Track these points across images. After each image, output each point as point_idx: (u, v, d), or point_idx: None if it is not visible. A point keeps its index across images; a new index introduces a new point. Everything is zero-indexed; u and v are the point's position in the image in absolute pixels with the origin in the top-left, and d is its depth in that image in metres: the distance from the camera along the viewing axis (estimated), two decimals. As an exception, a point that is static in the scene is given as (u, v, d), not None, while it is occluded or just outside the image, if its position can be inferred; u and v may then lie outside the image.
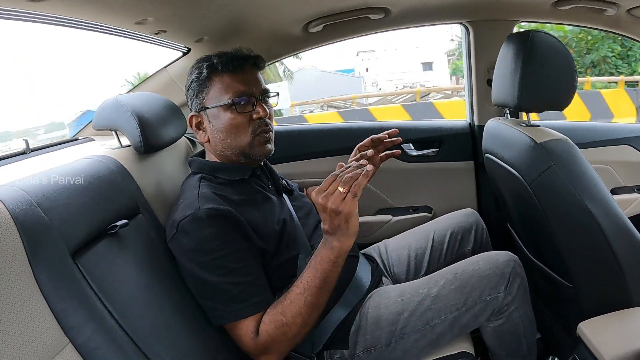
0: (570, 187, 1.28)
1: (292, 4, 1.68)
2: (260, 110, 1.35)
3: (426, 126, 2.27)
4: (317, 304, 1.19)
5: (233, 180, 1.36)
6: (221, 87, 1.35)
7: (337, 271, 1.20)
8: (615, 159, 2.15)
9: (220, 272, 1.18)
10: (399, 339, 1.27)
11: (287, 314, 1.18)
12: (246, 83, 1.36)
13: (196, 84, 1.38)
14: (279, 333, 1.17)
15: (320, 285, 1.18)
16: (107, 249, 1.09)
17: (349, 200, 1.09)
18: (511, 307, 1.28)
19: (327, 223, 1.14)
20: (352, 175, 1.10)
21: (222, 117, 1.35)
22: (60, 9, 1.14)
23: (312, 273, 1.18)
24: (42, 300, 0.87)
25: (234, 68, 1.36)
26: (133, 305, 1.05)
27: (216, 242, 1.19)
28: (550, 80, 1.38)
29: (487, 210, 2.15)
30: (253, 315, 1.19)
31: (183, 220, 1.20)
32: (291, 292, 1.20)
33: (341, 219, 1.12)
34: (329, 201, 1.10)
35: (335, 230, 1.14)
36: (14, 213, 0.88)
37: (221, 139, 1.37)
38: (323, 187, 1.12)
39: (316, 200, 1.12)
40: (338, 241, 1.16)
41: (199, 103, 1.38)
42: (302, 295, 1.18)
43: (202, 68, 1.37)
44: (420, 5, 1.90)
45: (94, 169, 1.22)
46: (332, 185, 1.11)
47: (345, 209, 1.10)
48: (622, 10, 1.80)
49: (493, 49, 1.85)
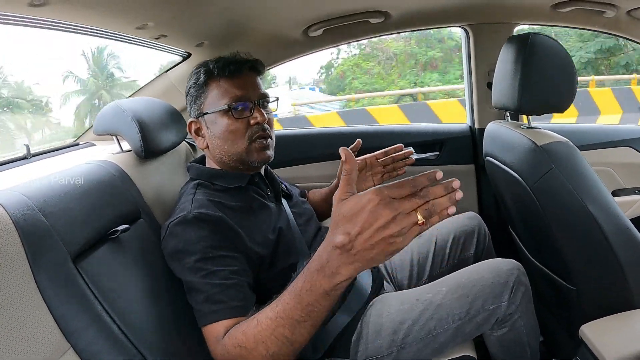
0: (571, 189, 1.28)
1: (292, 8, 1.68)
2: (258, 116, 1.33)
3: (427, 129, 2.27)
4: (292, 340, 0.94)
5: (230, 187, 1.35)
6: (218, 93, 1.34)
7: (328, 307, 0.90)
8: (616, 160, 2.15)
9: (202, 273, 1.14)
10: (400, 348, 1.26)
11: (248, 336, 0.99)
12: (243, 88, 1.34)
13: (194, 90, 1.37)
14: (235, 353, 1.01)
15: (302, 320, 0.91)
16: (108, 254, 1.09)
17: (413, 233, 0.78)
18: (515, 316, 1.26)
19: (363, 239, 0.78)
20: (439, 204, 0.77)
21: (219, 122, 1.34)
22: (61, 15, 1.14)
23: (294, 301, 0.91)
24: (44, 305, 0.87)
25: (231, 72, 1.34)
26: (134, 309, 1.05)
27: (200, 245, 1.16)
28: (551, 82, 1.38)
29: (488, 213, 2.15)
30: (226, 319, 1.08)
31: (172, 222, 1.20)
32: (263, 313, 0.98)
33: (385, 248, 0.79)
34: (395, 222, 0.76)
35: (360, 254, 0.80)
36: (15, 218, 0.88)
37: (219, 145, 1.35)
38: (393, 194, 0.77)
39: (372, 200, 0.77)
40: (347, 267, 0.83)
41: (197, 109, 1.37)
42: (273, 322, 0.95)
43: (200, 73, 1.36)
44: (420, 9, 1.90)
45: (95, 173, 1.22)
46: (410, 204, 0.76)
47: (401, 244, 0.79)
48: (621, 12, 1.80)
49: (493, 52, 1.85)
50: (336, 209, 0.81)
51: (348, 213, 0.79)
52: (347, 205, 0.80)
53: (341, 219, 0.80)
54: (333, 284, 0.85)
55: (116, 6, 1.19)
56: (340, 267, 0.83)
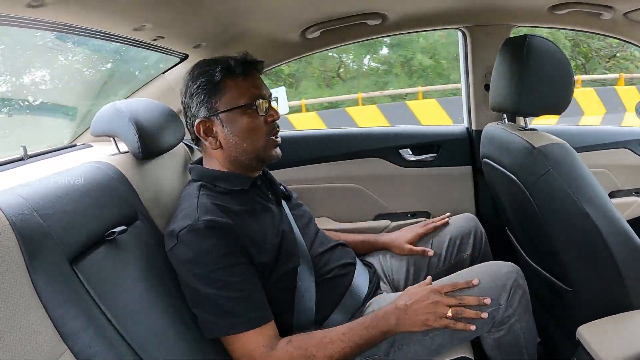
0: (569, 191, 1.28)
1: (290, 10, 1.68)
2: (274, 113, 1.36)
3: (424, 131, 2.28)
4: (347, 356, 1.20)
5: (233, 190, 1.34)
6: (237, 91, 1.32)
7: (378, 342, 1.23)
8: (613, 162, 2.15)
9: (215, 285, 1.16)
10: (397, 349, 1.26)
11: (320, 350, 1.18)
12: (259, 87, 1.35)
13: (207, 88, 1.32)
14: (299, 354, 1.18)
15: (362, 344, 1.20)
16: (106, 256, 1.08)
17: (444, 323, 1.21)
18: (512, 319, 1.27)
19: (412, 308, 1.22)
20: (467, 314, 1.22)
21: (238, 120, 1.32)
22: (58, 16, 1.14)
23: (363, 329, 1.21)
24: (41, 307, 0.86)
25: (247, 71, 1.34)
26: (131, 311, 1.04)
27: (213, 255, 1.17)
28: (548, 84, 1.38)
29: (485, 215, 2.15)
30: (251, 330, 1.17)
31: (181, 231, 1.20)
32: (334, 331, 1.22)
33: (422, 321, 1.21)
34: (432, 306, 1.21)
35: (407, 314, 1.21)
36: (12, 220, 0.88)
37: (237, 143, 1.33)
38: (442, 289, 1.25)
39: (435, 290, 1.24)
40: (397, 322, 1.21)
41: (210, 107, 1.33)
42: (344, 343, 1.19)
43: (214, 71, 1.32)
44: (417, 11, 1.91)
45: (92, 175, 1.21)
46: (447, 300, 1.22)
47: (436, 324, 1.21)
48: (618, 14, 1.81)
49: (490, 54, 1.86)
50: (409, 287, 1.30)
51: (412, 291, 1.26)
52: (414, 287, 1.29)
53: (407, 293, 1.26)
54: (386, 329, 1.22)
55: (114, 7, 1.19)
56: (399, 320, 1.21)
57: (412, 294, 1.24)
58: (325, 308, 1.35)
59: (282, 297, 1.29)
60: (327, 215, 2.19)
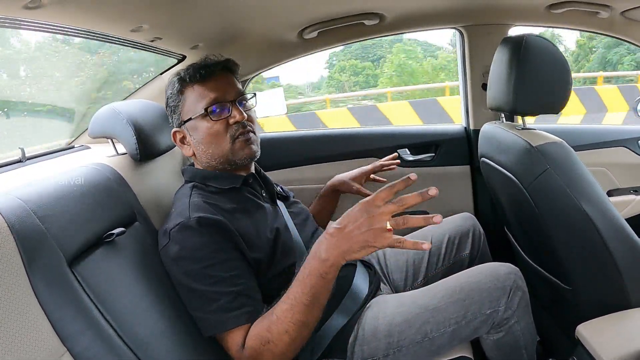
0: (567, 189, 1.28)
1: (287, 10, 1.68)
2: (236, 114, 1.33)
3: (422, 131, 2.28)
4: (306, 322, 1.10)
5: (224, 188, 1.35)
6: (194, 98, 1.34)
7: (329, 287, 1.08)
8: (610, 160, 2.15)
9: (208, 281, 1.16)
10: (397, 351, 1.26)
11: (272, 331, 1.11)
12: (217, 89, 1.34)
13: (171, 100, 1.37)
14: (264, 349, 1.12)
15: (309, 303, 1.07)
16: (104, 257, 1.09)
17: (387, 242, 0.97)
18: (511, 320, 1.26)
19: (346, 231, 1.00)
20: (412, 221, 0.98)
21: (200, 127, 1.34)
22: (56, 17, 1.14)
23: (300, 288, 1.08)
24: (40, 309, 0.86)
25: (202, 77, 1.34)
26: (130, 313, 1.05)
27: (205, 251, 1.18)
28: (545, 83, 1.39)
29: (484, 215, 2.15)
30: (240, 326, 1.15)
31: (173, 229, 1.20)
32: (278, 307, 1.12)
33: (360, 243, 0.99)
34: (367, 223, 0.97)
35: (341, 242, 1.01)
36: (11, 222, 0.88)
37: (203, 150, 1.35)
38: (376, 201, 0.99)
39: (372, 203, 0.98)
40: (333, 252, 1.02)
41: (178, 118, 1.37)
42: (290, 312, 1.09)
43: (174, 83, 1.36)
44: (414, 10, 1.91)
45: (90, 176, 1.21)
46: (382, 209, 0.98)
47: (378, 243, 0.98)
48: (615, 13, 1.81)
49: (488, 53, 1.86)
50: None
51: (345, 214, 1.02)
52: (348, 210, 1.02)
53: (340, 218, 1.02)
54: (325, 266, 1.04)
55: (111, 9, 1.19)
56: (328, 251, 1.03)
57: (344, 216, 1.02)
58: (325, 308, 1.35)
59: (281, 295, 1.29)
60: (325, 215, 2.18)
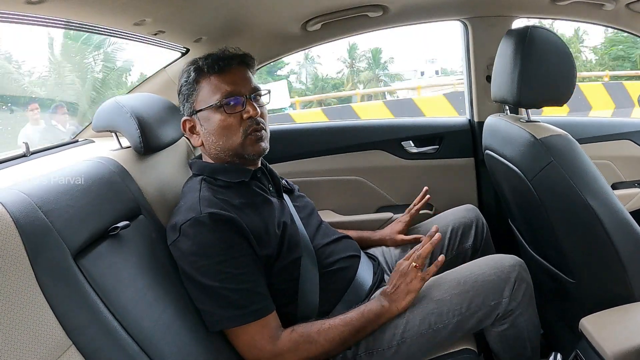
0: (571, 182, 1.28)
1: (290, 2, 1.67)
2: (250, 110, 1.33)
3: (426, 123, 2.28)
4: (348, 341, 1.24)
5: (233, 182, 1.35)
6: (209, 89, 1.34)
7: (376, 326, 1.27)
8: (615, 154, 2.14)
9: (220, 277, 1.17)
10: (401, 342, 1.27)
11: (321, 335, 1.22)
12: (234, 83, 1.34)
13: (185, 88, 1.37)
14: (305, 347, 1.21)
15: (360, 328, 1.24)
16: (109, 251, 1.09)
17: (420, 284, 1.26)
18: (515, 312, 1.27)
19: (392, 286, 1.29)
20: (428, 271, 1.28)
21: (212, 119, 1.34)
22: (58, 12, 1.14)
23: (358, 315, 1.25)
24: (45, 302, 0.87)
25: (220, 68, 1.34)
26: (135, 306, 1.05)
27: (217, 248, 1.18)
28: (550, 75, 1.38)
29: (488, 207, 2.15)
30: (256, 321, 1.19)
31: (184, 224, 1.20)
32: (331, 320, 1.25)
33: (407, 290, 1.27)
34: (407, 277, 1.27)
35: (393, 295, 1.27)
36: (15, 216, 0.88)
37: (213, 141, 1.35)
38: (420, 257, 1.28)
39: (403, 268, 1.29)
40: (388, 303, 1.27)
41: (190, 107, 1.37)
42: (341, 327, 1.23)
43: (190, 71, 1.36)
44: (418, 2, 1.89)
45: (95, 170, 1.22)
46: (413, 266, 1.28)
47: (417, 287, 1.26)
48: (620, 5, 1.80)
49: (492, 45, 1.85)
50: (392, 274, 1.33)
51: (392, 277, 1.31)
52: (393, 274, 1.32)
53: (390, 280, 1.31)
54: (379, 311, 1.26)
55: (114, 2, 1.19)
56: (383, 301, 1.27)
57: (391, 278, 1.31)
58: (329, 299, 1.36)
59: (286, 287, 1.30)
60: (329, 207, 2.19)
